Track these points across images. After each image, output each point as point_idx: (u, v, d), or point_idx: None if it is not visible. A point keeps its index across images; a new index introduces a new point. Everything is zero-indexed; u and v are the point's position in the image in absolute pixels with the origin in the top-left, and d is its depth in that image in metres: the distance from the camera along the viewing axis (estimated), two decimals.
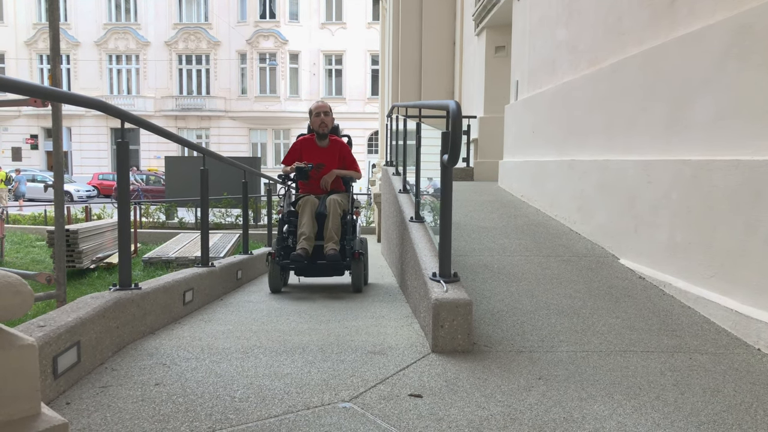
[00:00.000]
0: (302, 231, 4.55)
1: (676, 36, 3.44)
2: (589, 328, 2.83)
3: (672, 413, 1.95)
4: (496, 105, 8.81)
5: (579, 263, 3.90)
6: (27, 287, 1.24)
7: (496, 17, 8.59)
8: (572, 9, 5.12)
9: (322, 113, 4.91)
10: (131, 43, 34.25)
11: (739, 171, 2.78)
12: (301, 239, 4.52)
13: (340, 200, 4.72)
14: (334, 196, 4.72)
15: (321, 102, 5.03)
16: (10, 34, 33.98)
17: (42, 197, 23.23)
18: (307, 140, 4.99)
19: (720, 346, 2.62)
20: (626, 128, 4.02)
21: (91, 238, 9.52)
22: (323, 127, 4.91)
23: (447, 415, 1.93)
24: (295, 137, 5.29)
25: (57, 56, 4.64)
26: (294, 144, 5.05)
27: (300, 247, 4.48)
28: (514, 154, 6.86)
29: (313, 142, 4.96)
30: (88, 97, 2.89)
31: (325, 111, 4.92)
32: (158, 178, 27.10)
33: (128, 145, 2.93)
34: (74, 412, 1.95)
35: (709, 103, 3.09)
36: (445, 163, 2.76)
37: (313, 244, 4.59)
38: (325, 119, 4.91)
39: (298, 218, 4.64)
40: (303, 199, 4.69)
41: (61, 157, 4.78)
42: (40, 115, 32.97)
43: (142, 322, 2.94)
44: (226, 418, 1.90)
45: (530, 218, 5.28)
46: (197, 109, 33.99)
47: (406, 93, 12.69)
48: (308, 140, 4.99)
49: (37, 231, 14.37)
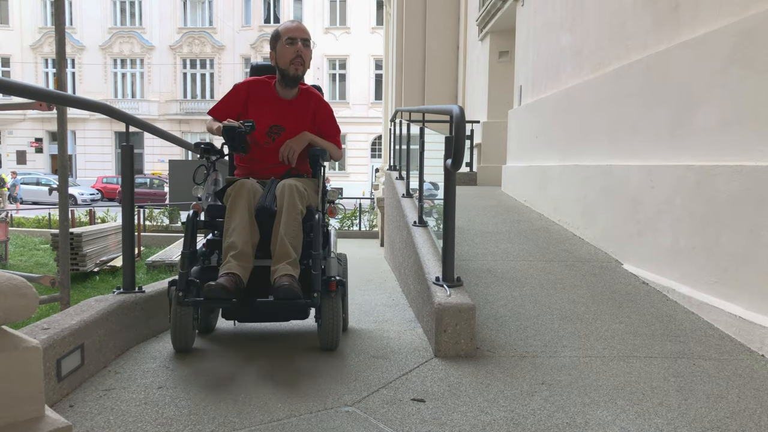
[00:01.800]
0: (231, 241, 2.53)
1: (680, 41, 3.45)
2: (592, 334, 2.83)
3: (675, 419, 1.94)
4: (500, 110, 8.81)
5: (582, 268, 3.90)
6: (32, 290, 1.25)
7: (500, 22, 8.60)
8: (576, 14, 5.13)
9: (300, 41, 2.85)
10: (136, 47, 34.43)
11: (743, 176, 2.78)
12: (228, 256, 2.51)
13: (301, 187, 2.70)
14: (290, 181, 2.72)
15: (298, 23, 2.96)
16: (16, 37, 34.18)
17: (46, 200, 23.33)
18: (261, 84, 2.98)
19: (724, 352, 2.61)
20: (630, 133, 4.02)
21: (94, 241, 9.54)
22: (298, 67, 2.86)
23: (450, 420, 1.93)
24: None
25: (63, 60, 4.67)
26: (236, 87, 2.99)
27: (226, 272, 2.45)
28: (518, 159, 6.86)
29: (272, 89, 2.95)
30: (94, 100, 2.91)
31: (305, 38, 2.88)
32: (162, 181, 27.16)
33: (133, 149, 2.95)
34: (78, 414, 1.96)
35: (713, 109, 3.09)
36: (448, 167, 2.76)
37: (252, 265, 2.57)
38: (305, 53, 2.86)
39: (226, 218, 2.62)
40: (236, 185, 2.67)
41: (65, 160, 4.80)
42: (45, 119, 33.11)
43: (146, 326, 2.94)
44: (228, 422, 1.90)
45: (533, 223, 5.28)
46: (201, 112, 34.07)
47: (410, 97, 12.71)
48: (263, 85, 2.97)
49: (41, 234, 14.41)
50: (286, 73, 2.88)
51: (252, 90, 2.96)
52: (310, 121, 3.00)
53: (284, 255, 2.54)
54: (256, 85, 2.98)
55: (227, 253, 2.53)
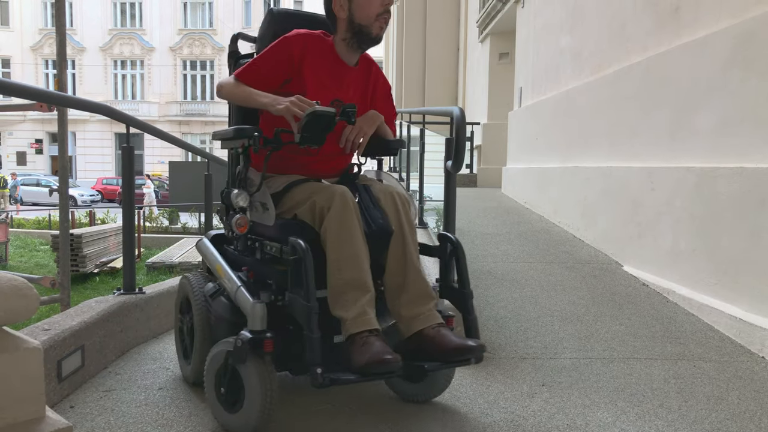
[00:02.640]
0: (355, 278, 1.73)
1: (680, 43, 3.45)
2: (592, 335, 2.83)
3: (676, 421, 1.94)
4: (500, 112, 8.83)
5: (582, 270, 3.90)
6: (33, 290, 1.25)
7: (500, 24, 8.62)
8: (576, 16, 5.13)
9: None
10: (136, 49, 34.44)
11: (743, 178, 2.78)
12: (359, 303, 1.71)
13: (407, 195, 2.01)
14: (391, 186, 2.03)
15: None
16: (16, 39, 34.18)
17: (46, 201, 23.34)
18: (319, 41, 2.06)
19: (724, 354, 2.61)
20: (630, 135, 4.02)
21: (94, 242, 9.55)
22: (383, 25, 2.03)
23: (450, 422, 1.93)
24: None
25: (63, 61, 4.68)
26: (286, 41, 2.02)
27: (367, 329, 1.67)
28: (518, 161, 6.86)
29: (332, 50, 2.08)
30: (94, 102, 2.91)
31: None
32: (162, 183, 27.17)
33: (134, 150, 2.95)
34: (78, 415, 1.96)
35: (714, 111, 3.09)
36: (449, 169, 2.77)
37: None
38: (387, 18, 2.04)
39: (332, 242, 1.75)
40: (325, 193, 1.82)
41: (66, 161, 4.80)
42: (45, 120, 33.11)
43: (146, 327, 2.94)
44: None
45: (533, 225, 5.28)
46: (201, 114, 34.10)
47: (410, 99, 12.72)
48: (320, 42, 2.07)
49: (41, 235, 14.41)
50: (366, 31, 2.01)
51: (309, 47, 2.02)
52: (370, 97, 2.19)
53: (427, 295, 1.82)
54: (314, 41, 2.04)
55: (349, 294, 1.70)
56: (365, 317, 1.68)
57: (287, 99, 1.85)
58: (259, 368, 1.66)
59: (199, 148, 4.56)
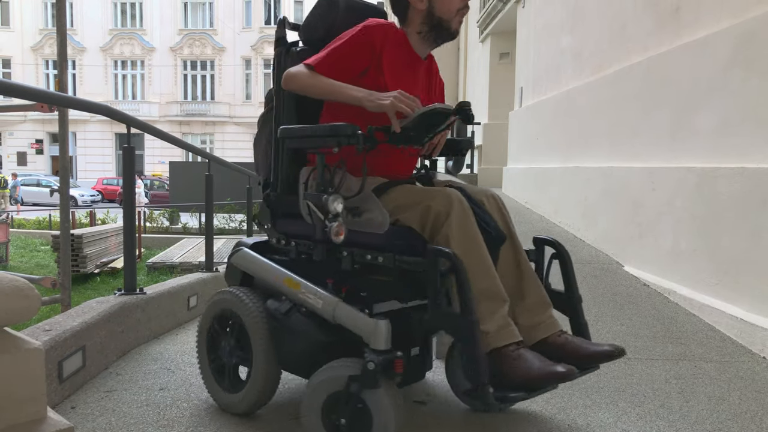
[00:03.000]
0: (491, 288, 1.63)
1: (681, 43, 3.45)
2: (593, 335, 2.81)
3: (677, 421, 1.94)
4: (501, 111, 8.82)
5: (583, 270, 3.90)
6: (34, 291, 1.25)
7: (501, 24, 8.62)
8: (577, 16, 5.13)
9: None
10: (136, 49, 34.44)
11: (744, 178, 2.78)
12: (498, 313, 1.62)
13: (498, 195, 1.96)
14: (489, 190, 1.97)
15: None
16: (17, 39, 34.19)
17: (47, 201, 23.36)
18: (397, 34, 1.93)
19: (725, 354, 2.61)
20: (630, 135, 4.02)
21: (95, 242, 9.55)
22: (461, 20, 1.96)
23: (450, 422, 1.93)
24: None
25: (64, 61, 4.68)
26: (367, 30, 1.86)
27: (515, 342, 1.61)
28: (518, 161, 6.86)
29: (407, 43, 1.96)
30: (95, 102, 2.91)
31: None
32: (162, 183, 27.18)
33: (134, 150, 2.95)
34: (79, 416, 1.96)
35: (714, 111, 3.09)
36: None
37: None
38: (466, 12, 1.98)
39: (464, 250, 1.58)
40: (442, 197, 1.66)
41: (66, 161, 4.80)
42: (46, 120, 33.12)
43: (147, 327, 2.94)
44: (230, 423, 1.90)
45: (534, 225, 5.28)
46: (202, 114, 34.09)
47: None
48: (398, 34, 1.94)
49: (42, 235, 14.42)
50: (446, 25, 1.91)
51: (389, 39, 1.89)
52: (433, 93, 2.09)
53: (545, 302, 1.79)
54: (393, 31, 1.92)
55: (483, 304, 1.58)
56: (508, 329, 1.60)
57: (389, 94, 1.69)
58: (390, 391, 1.53)
59: (199, 148, 4.55)
